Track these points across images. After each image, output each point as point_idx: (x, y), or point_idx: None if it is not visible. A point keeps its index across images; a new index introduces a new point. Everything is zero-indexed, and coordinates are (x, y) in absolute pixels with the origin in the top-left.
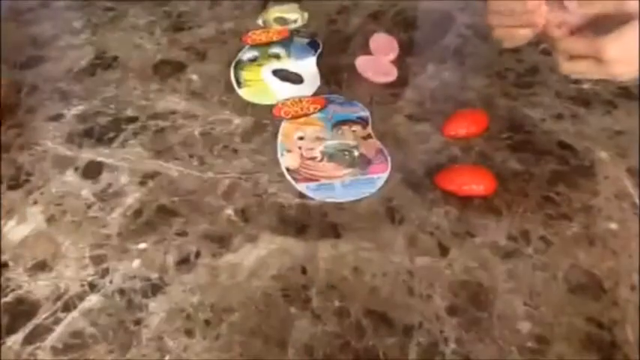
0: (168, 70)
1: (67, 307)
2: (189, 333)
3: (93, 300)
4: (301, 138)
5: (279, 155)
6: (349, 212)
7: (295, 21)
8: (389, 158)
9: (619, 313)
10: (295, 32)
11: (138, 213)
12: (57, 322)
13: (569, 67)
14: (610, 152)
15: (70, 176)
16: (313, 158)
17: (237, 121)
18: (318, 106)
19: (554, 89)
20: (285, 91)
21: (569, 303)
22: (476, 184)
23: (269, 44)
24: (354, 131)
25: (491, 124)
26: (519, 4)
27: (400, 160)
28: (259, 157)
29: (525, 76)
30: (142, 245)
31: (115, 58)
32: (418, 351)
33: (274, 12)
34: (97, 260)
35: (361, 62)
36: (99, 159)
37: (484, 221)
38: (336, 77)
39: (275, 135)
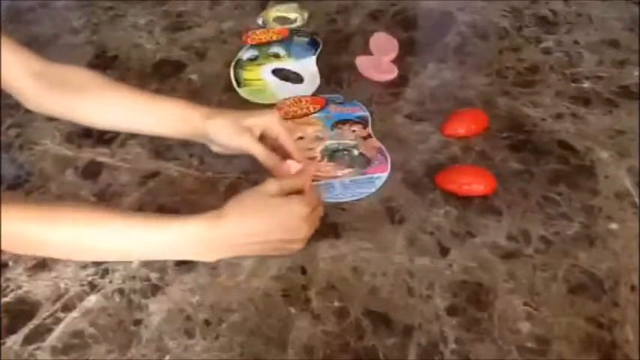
0: (167, 69)
1: (67, 307)
2: (189, 333)
3: (93, 300)
4: (301, 138)
5: None
6: (349, 212)
7: (295, 20)
8: (389, 158)
9: (619, 313)
10: (295, 32)
11: None
12: (57, 322)
13: None
14: (610, 152)
15: (70, 176)
16: (313, 158)
17: None
18: (318, 106)
19: (555, 88)
20: (284, 90)
21: (569, 303)
22: (476, 184)
23: (269, 44)
24: (353, 131)
25: (491, 124)
26: None
27: (400, 160)
28: None
29: (526, 75)
30: None
31: (115, 58)
32: (418, 351)
33: (274, 11)
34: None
35: (361, 61)
36: (99, 159)
37: (484, 221)
38: (336, 77)
39: None
